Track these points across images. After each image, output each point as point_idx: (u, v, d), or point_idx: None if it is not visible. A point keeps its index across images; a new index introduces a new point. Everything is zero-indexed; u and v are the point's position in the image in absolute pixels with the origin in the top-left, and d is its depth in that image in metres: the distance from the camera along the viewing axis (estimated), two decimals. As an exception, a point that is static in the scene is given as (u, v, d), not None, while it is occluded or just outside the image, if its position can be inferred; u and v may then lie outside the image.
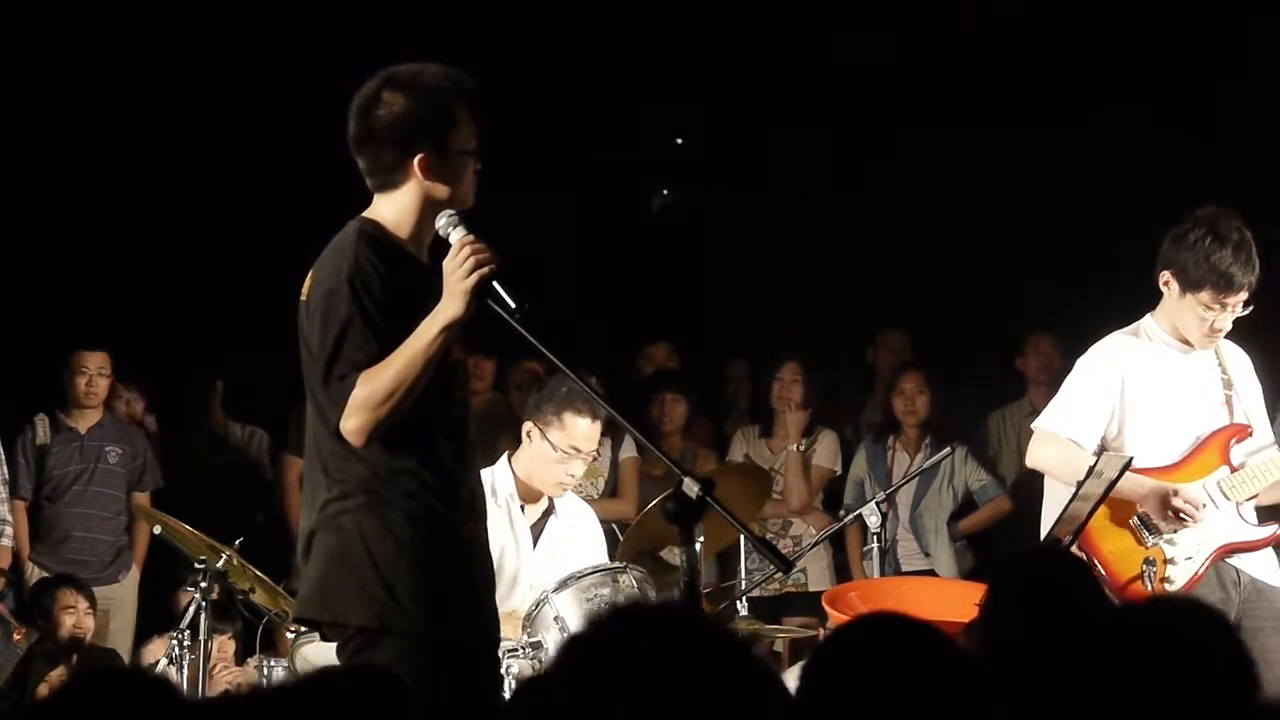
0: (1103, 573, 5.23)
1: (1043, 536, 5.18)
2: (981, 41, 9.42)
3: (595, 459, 6.45)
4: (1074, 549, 5.29)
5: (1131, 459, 4.88)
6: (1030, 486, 6.77)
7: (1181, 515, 5.15)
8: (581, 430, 5.63)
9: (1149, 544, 5.20)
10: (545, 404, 5.67)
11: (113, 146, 9.22)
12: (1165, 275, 5.24)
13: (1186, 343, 5.30)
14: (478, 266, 3.74)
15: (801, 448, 8.20)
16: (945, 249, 9.75)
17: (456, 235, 3.82)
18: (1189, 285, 5.18)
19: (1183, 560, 5.18)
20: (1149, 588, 5.11)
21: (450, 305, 3.76)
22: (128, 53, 9.10)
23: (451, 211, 3.87)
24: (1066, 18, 9.21)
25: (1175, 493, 5.16)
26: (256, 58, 9.20)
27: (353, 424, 3.77)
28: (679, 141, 11.32)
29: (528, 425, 5.67)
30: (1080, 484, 4.88)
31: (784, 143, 10.03)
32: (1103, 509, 5.21)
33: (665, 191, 11.67)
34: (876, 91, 9.67)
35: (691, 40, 9.81)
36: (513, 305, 3.75)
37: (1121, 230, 8.84)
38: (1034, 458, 5.41)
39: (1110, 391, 5.27)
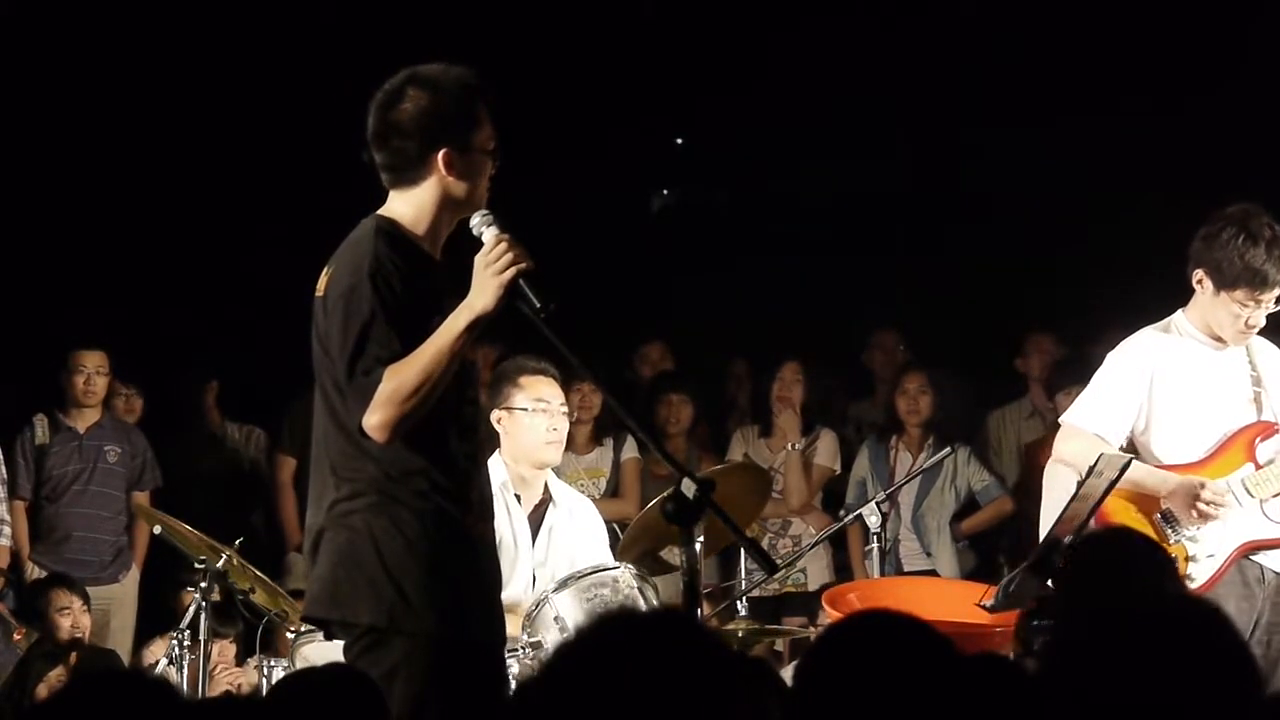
0: None
1: (1041, 537, 5.17)
2: (981, 41, 9.42)
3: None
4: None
5: (1131, 459, 4.87)
6: (1031, 487, 6.78)
7: (1207, 510, 5.14)
8: (540, 385, 5.66)
9: (1171, 541, 5.18)
10: (500, 385, 5.71)
11: (111, 147, 9.22)
12: (1198, 274, 5.23)
13: (1218, 339, 5.28)
14: (513, 263, 3.75)
15: (801, 447, 8.21)
16: (945, 248, 9.75)
17: (491, 233, 3.83)
18: (1223, 284, 5.16)
19: (1204, 558, 5.16)
20: None
21: (480, 299, 3.76)
22: (128, 53, 9.10)
23: (486, 211, 3.88)
24: (1066, 18, 9.21)
25: (1202, 485, 5.15)
26: (255, 59, 9.20)
27: (377, 419, 3.74)
28: (679, 141, 11.32)
29: (495, 415, 5.66)
30: (1080, 484, 4.87)
31: (784, 143, 10.03)
32: (1126, 506, 5.22)
33: (665, 191, 11.67)
34: (875, 91, 9.68)
35: (691, 40, 9.81)
36: (538, 305, 3.76)
37: (1121, 230, 8.86)
38: (1059, 451, 5.38)
39: (1139, 387, 5.26)
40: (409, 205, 3.95)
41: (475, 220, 3.87)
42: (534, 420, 5.64)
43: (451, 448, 3.90)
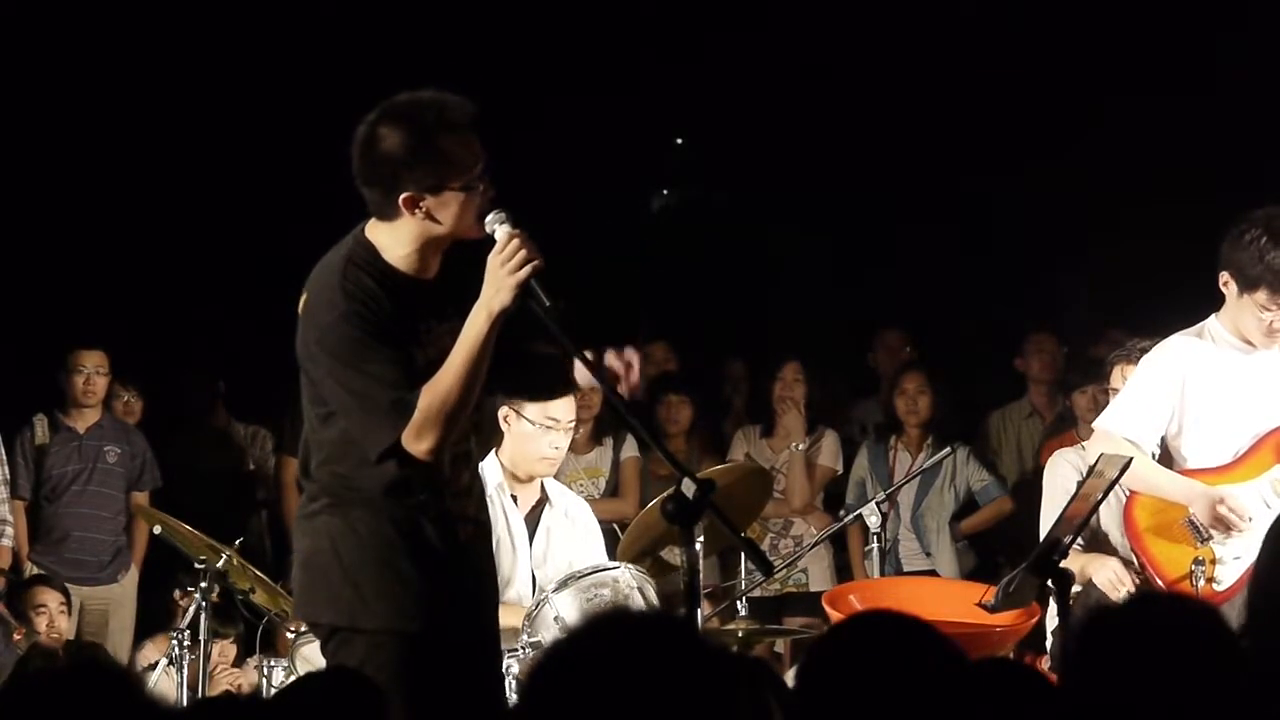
0: (1151, 572, 5.23)
1: (1042, 537, 5.16)
2: (981, 41, 9.42)
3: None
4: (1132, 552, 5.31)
5: (1131, 460, 4.85)
6: (1032, 486, 6.78)
7: (1225, 524, 5.12)
8: (556, 401, 5.63)
9: (1199, 544, 5.16)
10: None
11: (112, 146, 9.22)
12: (1224, 276, 5.17)
13: (1249, 342, 5.23)
14: (526, 261, 3.76)
15: (803, 447, 8.20)
16: (945, 249, 9.75)
17: (503, 231, 3.82)
18: (1246, 285, 5.10)
19: (1231, 560, 5.13)
20: (1195, 588, 5.06)
21: (497, 297, 3.77)
22: (128, 53, 9.10)
23: (500, 210, 3.87)
24: (1067, 20, 9.21)
25: (1222, 500, 5.12)
26: (256, 58, 9.20)
27: (426, 444, 3.77)
28: (679, 141, 11.33)
29: (503, 411, 5.66)
30: (1080, 484, 4.86)
31: (784, 142, 10.03)
32: (1155, 509, 5.21)
33: (665, 191, 11.68)
34: (875, 91, 9.68)
35: (691, 40, 9.81)
36: (548, 304, 3.77)
37: (1121, 231, 8.87)
38: (1091, 456, 5.36)
39: (1170, 392, 5.22)
40: (388, 237, 3.92)
41: (489, 218, 3.86)
42: (538, 434, 5.66)
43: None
